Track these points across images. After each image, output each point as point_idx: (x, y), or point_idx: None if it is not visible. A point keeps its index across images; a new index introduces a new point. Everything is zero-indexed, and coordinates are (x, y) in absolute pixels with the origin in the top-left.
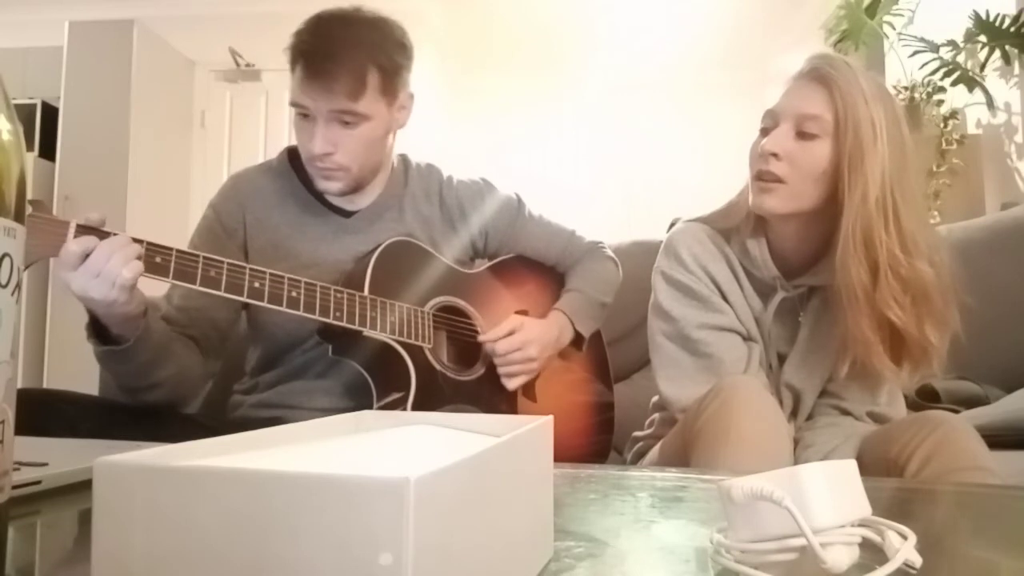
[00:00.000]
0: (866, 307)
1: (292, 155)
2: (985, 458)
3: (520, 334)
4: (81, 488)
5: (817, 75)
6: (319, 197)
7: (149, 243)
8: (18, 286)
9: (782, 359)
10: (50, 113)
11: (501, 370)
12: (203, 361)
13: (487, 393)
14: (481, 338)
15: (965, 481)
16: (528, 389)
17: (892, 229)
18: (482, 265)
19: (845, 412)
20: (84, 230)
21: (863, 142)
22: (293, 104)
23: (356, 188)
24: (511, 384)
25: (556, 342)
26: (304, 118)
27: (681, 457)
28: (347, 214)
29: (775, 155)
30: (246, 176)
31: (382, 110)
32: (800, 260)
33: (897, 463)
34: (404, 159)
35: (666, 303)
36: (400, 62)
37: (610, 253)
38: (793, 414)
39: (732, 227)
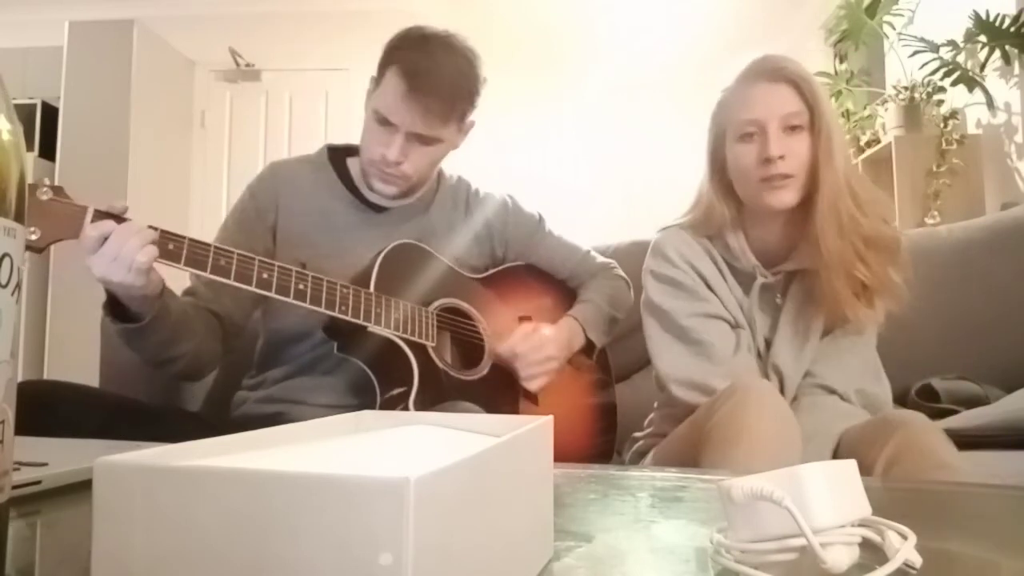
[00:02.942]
0: (839, 266)
1: (332, 152)
2: (948, 455)
3: (537, 335)
4: (81, 488)
5: (780, 76)
6: (353, 191)
7: (163, 231)
8: (18, 286)
9: (769, 346)
10: (50, 113)
11: (522, 372)
12: (222, 337)
13: (489, 394)
14: (500, 349)
15: (935, 479)
16: (529, 391)
17: (849, 196)
18: (488, 271)
19: (831, 391)
20: (101, 215)
21: (830, 123)
22: (377, 112)
23: (408, 194)
24: (533, 385)
25: (568, 344)
26: (383, 125)
27: (688, 454)
28: (378, 210)
29: (782, 157)
30: (285, 164)
31: (453, 134)
32: (781, 249)
33: (864, 466)
34: (438, 169)
35: (657, 298)
36: (480, 94)
37: (621, 273)
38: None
39: (713, 230)
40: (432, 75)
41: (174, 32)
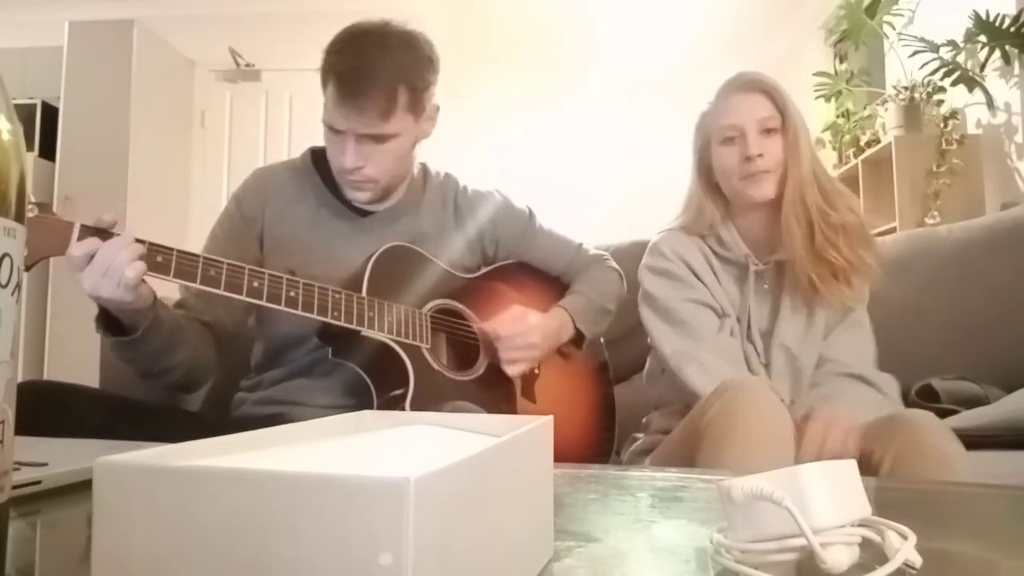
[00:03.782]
0: (808, 254)
1: (315, 155)
2: (953, 454)
3: (522, 320)
4: (81, 488)
5: (755, 87)
6: (339, 197)
7: (151, 243)
8: (18, 286)
9: (772, 331)
10: (50, 113)
11: (503, 356)
12: (216, 347)
13: (486, 393)
14: (483, 325)
15: (936, 479)
16: (528, 390)
17: (816, 189)
18: (481, 270)
19: (859, 378)
20: (88, 230)
21: (797, 126)
22: (325, 122)
23: (383, 197)
24: (512, 370)
25: (556, 334)
26: (335, 133)
27: (684, 453)
28: (365, 214)
29: (760, 155)
30: (270, 171)
31: (410, 125)
32: (769, 241)
33: (871, 462)
34: (424, 168)
35: (650, 288)
36: (429, 79)
37: (614, 265)
38: (794, 380)
39: (706, 227)
40: (359, 74)
41: (174, 32)
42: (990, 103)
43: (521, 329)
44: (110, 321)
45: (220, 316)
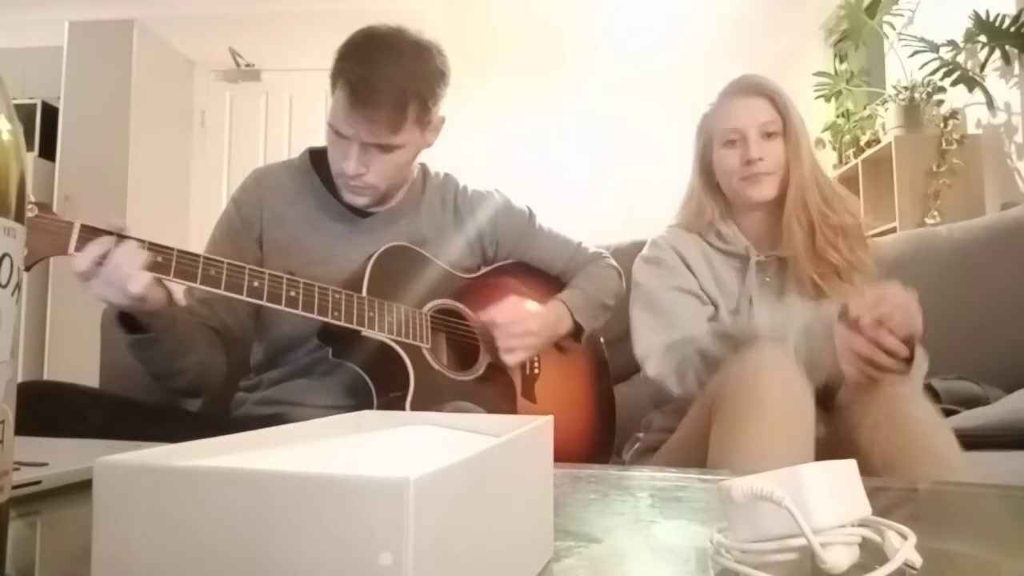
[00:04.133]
0: (809, 254)
1: (313, 155)
2: (954, 455)
3: (519, 308)
4: (81, 488)
5: (757, 91)
6: (338, 198)
7: (151, 243)
8: (18, 286)
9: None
10: (50, 113)
11: (500, 344)
12: (224, 351)
13: (486, 393)
14: (481, 316)
15: (935, 479)
16: (528, 390)
17: (816, 191)
18: (481, 270)
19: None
20: (88, 231)
21: (798, 129)
22: (330, 125)
23: (381, 202)
24: (510, 359)
25: (554, 325)
26: (340, 137)
27: (700, 435)
28: (364, 215)
29: (761, 158)
30: (268, 172)
31: (416, 136)
32: (769, 238)
33: (859, 454)
34: (423, 168)
35: (639, 276)
36: (438, 92)
37: (613, 263)
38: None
39: (705, 224)
40: (371, 85)
41: (174, 32)
42: (990, 103)
43: (518, 316)
44: (126, 318)
45: (226, 321)
